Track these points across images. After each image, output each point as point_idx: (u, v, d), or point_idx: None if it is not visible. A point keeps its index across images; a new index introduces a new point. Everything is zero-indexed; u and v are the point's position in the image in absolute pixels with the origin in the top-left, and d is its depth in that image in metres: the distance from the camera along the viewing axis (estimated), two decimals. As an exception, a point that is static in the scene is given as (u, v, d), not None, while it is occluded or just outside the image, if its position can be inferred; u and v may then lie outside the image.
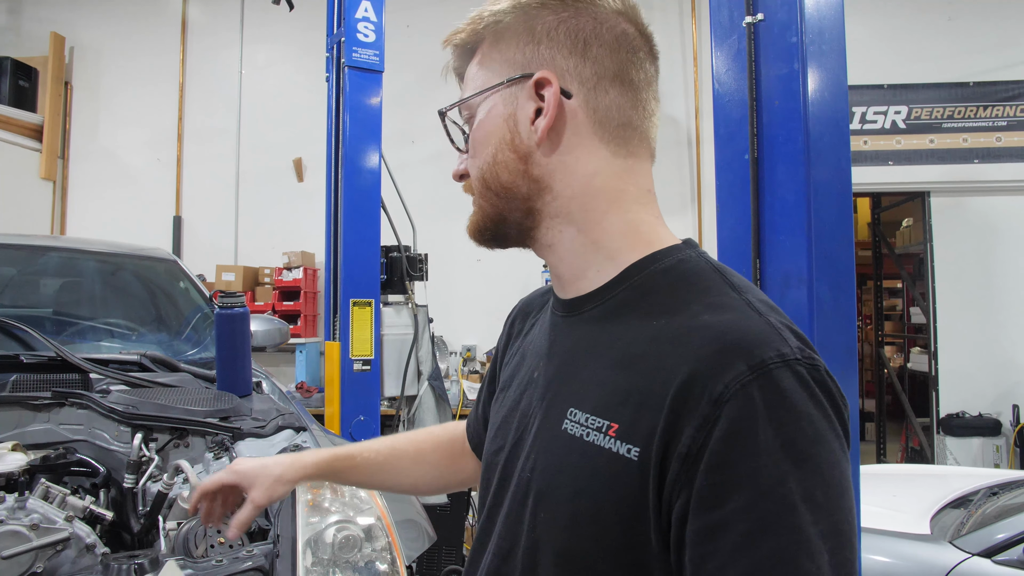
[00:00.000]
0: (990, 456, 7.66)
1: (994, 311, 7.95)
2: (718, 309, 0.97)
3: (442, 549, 5.69)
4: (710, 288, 1.02)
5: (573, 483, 0.99)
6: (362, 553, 2.22)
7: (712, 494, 0.86)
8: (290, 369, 8.00)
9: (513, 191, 1.12)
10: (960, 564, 3.47)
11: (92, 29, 9.17)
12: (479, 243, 1.23)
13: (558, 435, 1.04)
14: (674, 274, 1.06)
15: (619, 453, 0.94)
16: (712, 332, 0.93)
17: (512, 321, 1.45)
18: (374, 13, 5.37)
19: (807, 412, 0.87)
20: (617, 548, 0.94)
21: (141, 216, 8.78)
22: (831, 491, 0.86)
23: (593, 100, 1.08)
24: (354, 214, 5.28)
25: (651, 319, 1.01)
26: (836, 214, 2.69)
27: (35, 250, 4.13)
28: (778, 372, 0.88)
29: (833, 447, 0.88)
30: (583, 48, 1.08)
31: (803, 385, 0.88)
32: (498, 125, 1.11)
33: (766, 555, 0.83)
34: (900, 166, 8.00)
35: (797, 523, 0.83)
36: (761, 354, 0.89)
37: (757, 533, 0.83)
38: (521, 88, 1.09)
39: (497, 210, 1.15)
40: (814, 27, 2.63)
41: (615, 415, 0.97)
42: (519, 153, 1.10)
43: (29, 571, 2.02)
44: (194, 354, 3.75)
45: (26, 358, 2.99)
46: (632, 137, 1.11)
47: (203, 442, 2.65)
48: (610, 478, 0.95)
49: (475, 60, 1.16)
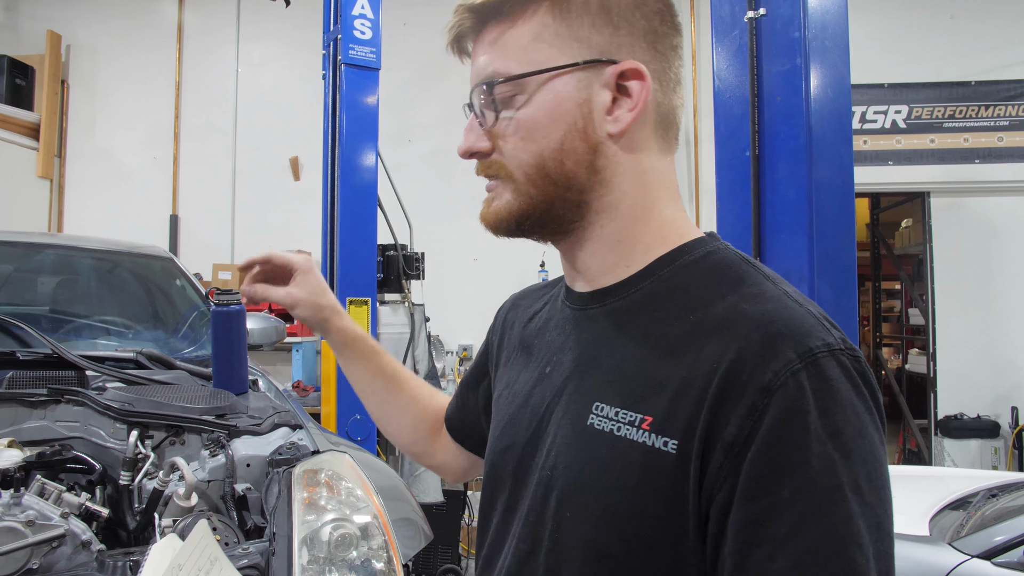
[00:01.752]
0: (988, 458, 7.65)
1: (994, 313, 7.94)
2: (757, 299, 0.95)
3: (438, 548, 5.69)
4: (744, 279, 1.00)
5: (602, 480, 0.97)
6: (358, 551, 2.20)
7: (761, 482, 0.85)
8: (286, 368, 7.99)
9: (572, 181, 1.05)
10: (959, 566, 3.45)
11: (89, 27, 9.17)
12: (504, 233, 1.14)
13: (583, 430, 1.01)
14: (703, 266, 1.04)
15: (654, 447, 0.92)
16: (756, 321, 0.92)
17: (506, 314, 1.43)
18: (371, 10, 5.36)
19: (852, 403, 0.87)
20: (651, 544, 0.92)
21: (138, 215, 8.78)
22: (874, 483, 0.86)
23: (661, 97, 1.07)
24: (350, 213, 5.27)
25: (686, 312, 0.99)
26: (838, 212, 2.68)
27: (32, 247, 4.12)
28: (825, 361, 0.87)
29: (875, 440, 0.88)
30: (655, 40, 1.06)
31: (847, 376, 0.88)
32: (569, 110, 1.03)
33: (816, 543, 0.82)
34: (900, 166, 7.99)
35: (847, 512, 0.83)
36: (809, 343, 0.88)
37: (807, 521, 0.82)
38: (598, 74, 1.03)
39: (548, 198, 1.07)
40: (817, 22, 2.63)
41: (648, 408, 0.94)
42: (589, 143, 1.04)
43: (24, 567, 2.01)
44: (190, 352, 3.74)
45: (22, 355, 2.98)
46: (673, 135, 1.11)
47: (199, 440, 2.63)
48: (644, 473, 0.92)
49: (519, 26, 1.06)
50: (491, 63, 1.09)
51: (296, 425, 2.74)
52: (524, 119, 1.06)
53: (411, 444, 1.64)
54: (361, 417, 5.15)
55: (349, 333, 1.57)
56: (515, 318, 1.37)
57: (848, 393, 0.87)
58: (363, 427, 5.14)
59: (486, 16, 1.09)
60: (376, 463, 2.89)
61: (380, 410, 1.63)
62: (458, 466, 1.61)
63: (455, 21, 1.13)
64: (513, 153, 1.08)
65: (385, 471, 2.88)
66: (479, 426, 1.47)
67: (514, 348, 1.31)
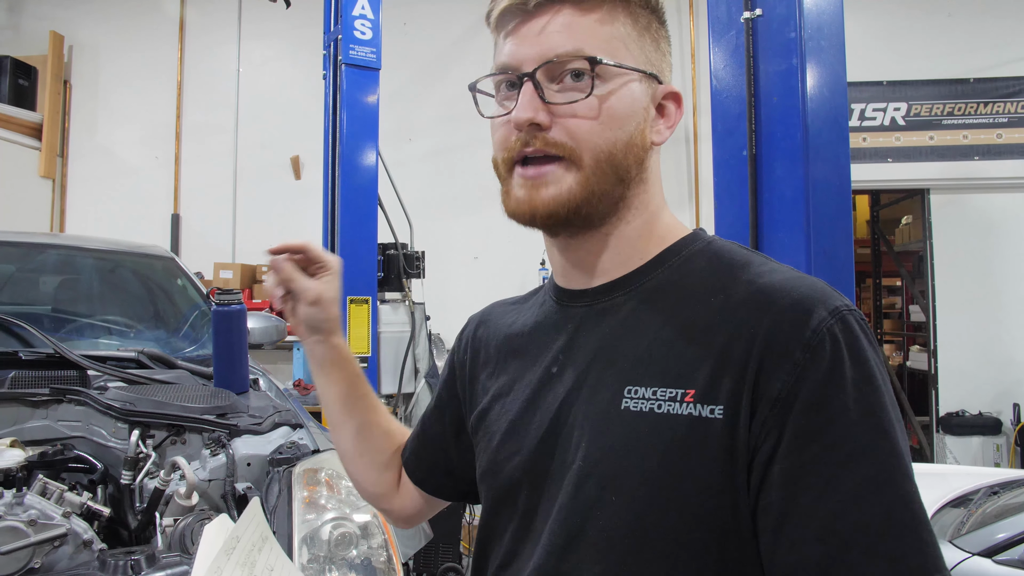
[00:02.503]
0: (990, 455, 7.63)
1: (994, 309, 7.93)
2: (773, 273, 1.03)
3: (439, 547, 5.68)
4: (751, 261, 1.07)
5: (647, 459, 0.98)
6: (358, 550, 2.22)
7: (809, 430, 0.91)
8: (287, 366, 7.99)
9: (627, 175, 1.10)
10: (960, 563, 3.44)
11: (91, 27, 9.17)
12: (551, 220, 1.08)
13: (617, 415, 1.03)
14: (708, 254, 1.12)
15: (700, 416, 0.96)
16: (781, 289, 0.99)
17: (473, 333, 1.41)
18: (371, 10, 5.37)
19: (872, 352, 0.95)
20: (703, 514, 0.95)
21: (139, 214, 8.78)
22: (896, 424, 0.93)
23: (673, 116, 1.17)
24: (351, 212, 5.29)
25: (707, 294, 1.04)
26: (835, 210, 2.69)
27: (34, 247, 4.12)
28: (848, 317, 0.95)
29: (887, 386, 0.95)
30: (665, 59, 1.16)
31: (864, 330, 0.96)
32: (639, 111, 1.10)
33: (869, 476, 0.89)
34: (899, 163, 7.98)
35: (893, 447, 0.91)
36: (833, 302, 0.96)
37: (857, 458, 0.89)
38: (652, 86, 1.12)
39: (603, 189, 1.07)
40: (813, 23, 2.64)
41: (688, 383, 0.99)
42: (644, 144, 1.12)
43: (27, 567, 2.02)
44: (192, 351, 3.75)
45: (24, 355, 2.99)
46: None
47: (200, 439, 2.65)
48: (693, 442, 0.96)
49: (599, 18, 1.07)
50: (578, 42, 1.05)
51: (296, 424, 2.76)
52: (609, 106, 1.06)
53: (373, 484, 1.52)
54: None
55: (343, 352, 1.47)
56: (488, 333, 1.36)
57: (868, 345, 0.95)
58: (364, 426, 5.14)
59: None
60: (376, 462, 2.90)
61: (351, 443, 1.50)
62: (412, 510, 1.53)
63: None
64: (587, 136, 1.06)
65: (385, 470, 2.88)
66: (443, 461, 1.44)
67: (499, 359, 1.30)
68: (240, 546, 1.54)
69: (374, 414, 1.50)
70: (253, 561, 1.56)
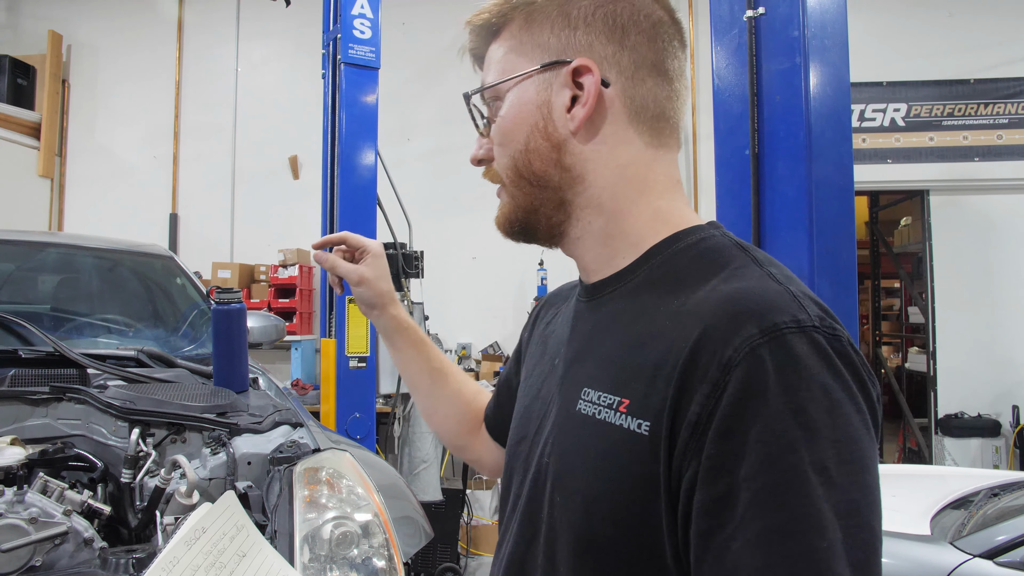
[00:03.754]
0: (989, 457, 7.63)
1: (994, 310, 7.94)
2: (736, 279, 0.95)
3: (437, 546, 5.70)
4: (731, 262, 0.99)
5: (586, 463, 0.98)
6: (359, 550, 2.21)
7: (720, 462, 0.83)
8: (286, 366, 8.00)
9: (545, 180, 1.09)
10: (961, 565, 3.44)
11: (89, 27, 9.18)
12: (507, 235, 1.19)
13: (572, 416, 1.03)
14: (695, 251, 1.04)
15: (630, 429, 0.92)
16: (724, 298, 0.91)
17: (537, 313, 1.46)
18: (370, 10, 5.36)
19: (822, 381, 0.83)
20: (634, 527, 0.92)
21: (138, 213, 8.79)
22: (847, 465, 0.82)
23: (630, 89, 1.07)
24: (350, 211, 5.28)
25: (672, 296, 0.99)
26: (837, 210, 2.69)
27: (33, 246, 4.12)
28: (792, 337, 0.85)
29: (852, 420, 0.84)
30: (621, 35, 1.06)
31: (819, 353, 0.85)
32: (530, 112, 1.09)
33: (772, 526, 0.79)
34: (899, 164, 7.98)
35: (807, 495, 0.79)
36: (774, 318, 0.86)
37: (764, 503, 0.80)
38: (556, 74, 1.07)
39: (529, 200, 1.12)
40: (816, 21, 2.63)
41: (627, 391, 0.95)
42: (552, 141, 1.08)
43: (27, 564, 2.02)
44: (191, 350, 3.74)
45: (24, 353, 2.99)
46: (664, 128, 1.11)
47: (200, 438, 2.64)
48: (622, 456, 0.93)
49: (499, 41, 1.13)
50: (484, 77, 1.16)
51: (297, 423, 2.75)
52: (499, 126, 1.13)
53: (453, 437, 1.67)
54: (361, 415, 5.16)
55: (402, 321, 1.62)
56: (544, 315, 1.40)
57: (819, 370, 0.84)
58: (362, 425, 5.15)
59: (485, 35, 1.17)
60: (376, 461, 2.90)
61: (426, 401, 1.67)
62: (494, 462, 1.63)
63: (469, 41, 1.21)
64: (498, 159, 1.15)
65: (385, 469, 2.88)
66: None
67: (536, 344, 1.35)
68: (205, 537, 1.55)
69: (441, 375, 1.64)
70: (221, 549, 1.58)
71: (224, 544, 1.61)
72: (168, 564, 1.48)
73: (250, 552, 1.65)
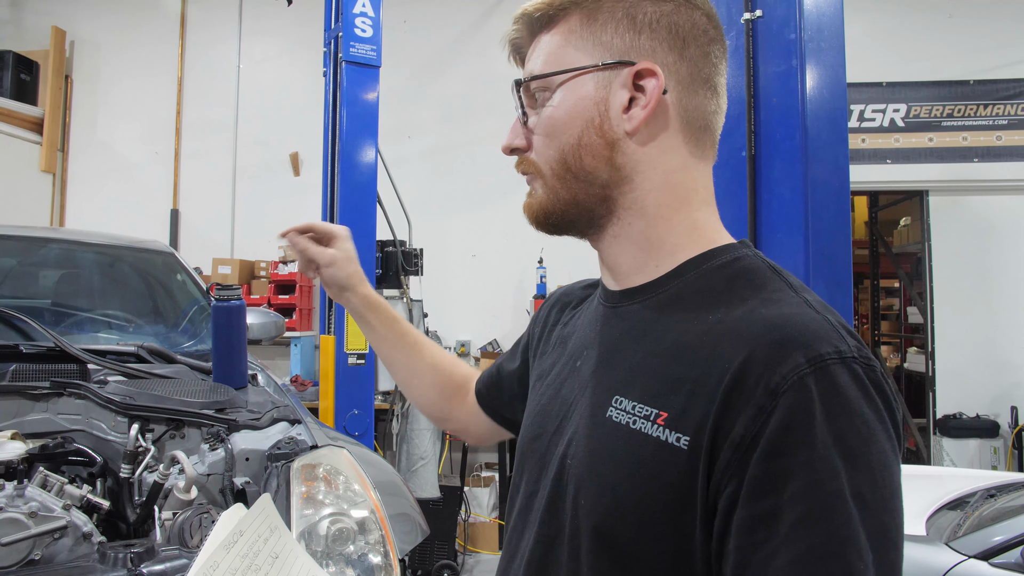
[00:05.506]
0: (987, 458, 7.61)
1: (992, 311, 7.93)
2: (775, 304, 0.98)
3: (435, 543, 5.71)
4: (766, 285, 1.03)
5: (616, 471, 1.00)
6: (355, 546, 2.23)
7: (766, 482, 0.86)
8: (285, 362, 8.01)
9: (594, 176, 1.10)
10: (956, 566, 3.43)
11: (92, 23, 9.18)
12: (540, 227, 1.19)
13: (602, 422, 1.05)
14: (730, 270, 1.07)
15: (667, 442, 0.95)
16: (769, 324, 0.94)
17: (550, 308, 1.47)
18: (371, 8, 5.37)
19: (861, 410, 0.88)
20: (660, 537, 0.94)
21: (139, 209, 8.79)
22: (880, 491, 0.87)
23: (684, 99, 1.09)
24: (350, 209, 5.29)
25: (707, 313, 1.02)
26: (834, 212, 2.70)
27: (34, 242, 4.13)
28: (835, 368, 0.89)
29: (884, 448, 0.89)
30: (682, 46, 1.09)
31: (858, 383, 0.89)
32: (587, 107, 1.09)
33: (815, 546, 0.83)
34: (898, 164, 7.97)
35: (848, 518, 0.84)
36: (819, 348, 0.89)
37: (808, 523, 0.84)
38: (616, 74, 1.08)
39: (573, 194, 1.13)
40: (813, 24, 2.64)
41: (664, 404, 0.97)
42: (606, 139, 1.09)
43: (27, 558, 2.04)
44: (191, 346, 3.75)
45: (25, 348, 3.01)
46: (707, 140, 1.13)
47: (199, 433, 2.66)
48: (657, 466, 0.95)
49: (553, 33, 1.14)
50: (535, 64, 1.15)
51: (295, 420, 2.77)
52: (548, 116, 1.13)
53: (433, 408, 1.75)
54: (359, 412, 5.17)
55: (372, 299, 1.68)
56: (559, 313, 1.42)
57: (858, 401, 0.88)
58: (361, 422, 5.16)
59: (535, 26, 1.16)
60: (373, 458, 2.91)
61: (402, 375, 1.74)
62: (480, 431, 1.70)
63: (511, 30, 1.20)
64: (541, 150, 1.14)
65: (382, 466, 2.90)
66: (511, 407, 1.56)
67: (552, 342, 1.36)
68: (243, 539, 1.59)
69: (416, 349, 1.72)
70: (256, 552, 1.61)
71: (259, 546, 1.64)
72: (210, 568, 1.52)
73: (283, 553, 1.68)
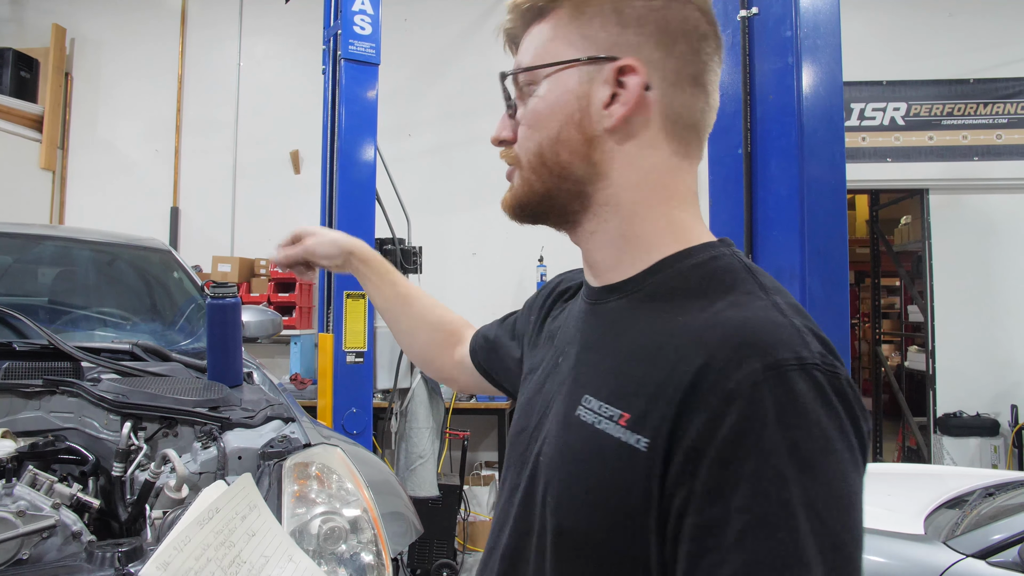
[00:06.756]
0: (988, 456, 7.61)
1: (993, 310, 7.92)
2: (742, 306, 0.96)
3: (433, 543, 5.70)
4: (737, 286, 1.01)
5: (580, 471, 1.00)
6: (347, 545, 2.22)
7: (715, 490, 0.85)
8: (284, 360, 8.01)
9: (569, 171, 1.10)
10: (954, 565, 3.42)
11: (93, 21, 9.18)
12: (514, 218, 1.19)
13: (571, 421, 1.05)
14: (705, 270, 1.05)
15: (628, 443, 0.94)
16: (731, 327, 0.92)
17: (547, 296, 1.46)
18: (371, 6, 5.36)
19: (818, 419, 0.85)
20: (619, 539, 0.94)
21: (139, 207, 8.78)
22: (835, 503, 0.84)
23: (669, 97, 1.07)
24: (349, 207, 5.28)
25: (677, 313, 1.00)
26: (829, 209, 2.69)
27: (32, 239, 4.14)
28: (793, 375, 0.86)
29: (843, 459, 0.86)
30: (670, 43, 1.07)
31: (818, 392, 0.87)
32: (568, 101, 1.08)
33: (760, 557, 0.81)
34: (899, 163, 7.96)
35: (794, 529, 0.81)
36: (777, 354, 0.87)
37: (753, 533, 0.82)
38: (599, 69, 1.07)
39: (547, 188, 1.12)
40: (809, 22, 2.64)
41: (627, 404, 0.96)
42: (585, 135, 1.08)
43: (15, 557, 2.03)
44: (187, 344, 3.75)
45: (19, 346, 3.00)
46: (692, 139, 1.12)
47: (192, 432, 2.65)
48: (617, 468, 0.94)
49: (543, 25, 1.13)
50: (519, 58, 1.16)
51: (289, 418, 2.76)
52: (531, 109, 1.12)
53: (420, 354, 1.86)
54: (358, 410, 5.17)
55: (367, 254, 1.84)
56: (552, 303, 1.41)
57: (816, 409, 0.86)
58: (359, 421, 5.16)
59: (527, 16, 1.16)
60: (368, 457, 2.90)
61: (395, 324, 1.84)
62: (468, 381, 1.77)
63: (506, 20, 1.19)
64: (522, 142, 1.14)
65: (377, 465, 2.89)
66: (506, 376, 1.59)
67: (543, 335, 1.36)
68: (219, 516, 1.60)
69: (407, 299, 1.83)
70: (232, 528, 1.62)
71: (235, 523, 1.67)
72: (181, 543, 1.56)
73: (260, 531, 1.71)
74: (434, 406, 5.95)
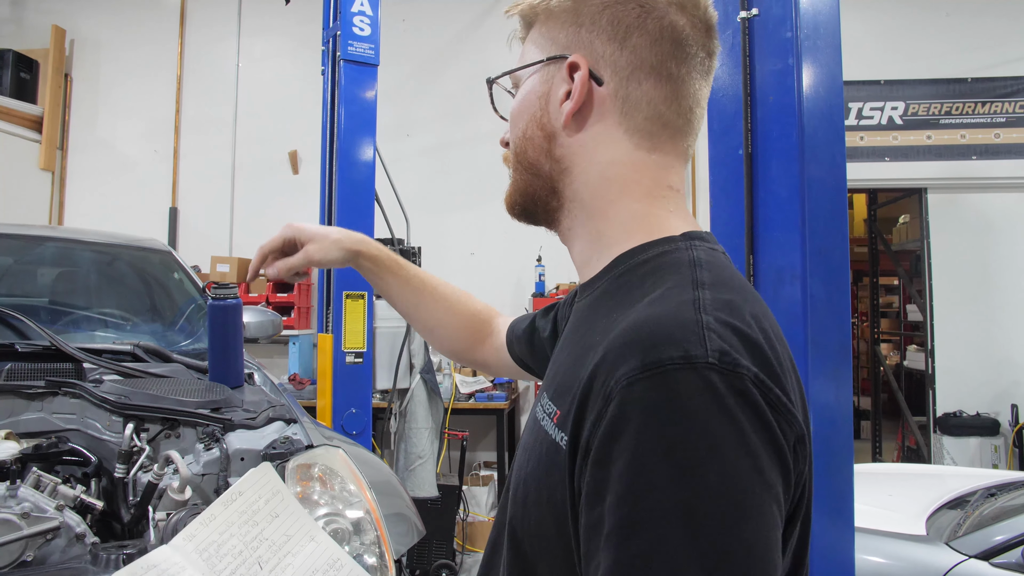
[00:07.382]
0: (988, 456, 7.61)
1: (992, 309, 7.93)
2: (658, 302, 0.91)
3: (433, 543, 5.70)
4: (667, 281, 0.96)
5: (528, 466, 1.02)
6: (351, 546, 2.22)
7: (593, 491, 0.83)
8: (283, 361, 8.01)
9: (538, 168, 1.14)
10: (957, 566, 3.43)
11: (92, 21, 9.19)
12: (510, 215, 1.24)
13: (532, 418, 1.07)
14: (651, 266, 1.02)
15: (556, 440, 0.94)
16: (630, 325, 0.88)
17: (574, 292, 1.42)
18: (370, 7, 5.36)
19: (703, 420, 0.79)
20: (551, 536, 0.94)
21: (138, 207, 8.79)
22: (720, 509, 0.77)
23: (623, 90, 1.07)
24: (348, 207, 5.27)
25: (615, 311, 0.97)
26: (830, 210, 2.68)
27: (32, 240, 4.13)
28: (676, 373, 0.81)
29: (734, 463, 0.79)
30: (623, 36, 1.06)
31: (708, 391, 0.80)
32: (532, 101, 1.14)
33: (621, 560, 0.78)
34: (897, 162, 7.98)
35: (662, 534, 0.77)
36: (660, 352, 0.82)
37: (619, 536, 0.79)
38: (558, 68, 1.10)
39: (526, 184, 1.17)
40: (809, 22, 2.63)
41: (561, 402, 0.96)
42: (545, 132, 1.12)
43: (19, 559, 2.03)
44: (187, 345, 3.75)
45: (21, 347, 3.00)
46: (660, 132, 1.08)
47: (194, 433, 2.65)
48: (548, 464, 0.96)
49: (532, 31, 1.17)
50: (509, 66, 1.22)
51: (290, 419, 2.75)
52: (511, 111, 1.19)
53: (449, 346, 1.86)
54: (357, 411, 5.17)
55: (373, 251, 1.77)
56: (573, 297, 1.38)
57: (702, 409, 0.79)
58: (359, 421, 5.15)
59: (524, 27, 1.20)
60: (369, 458, 2.91)
61: (415, 317, 1.84)
62: (502, 367, 1.78)
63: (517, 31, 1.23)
64: (509, 143, 1.20)
65: (378, 466, 2.89)
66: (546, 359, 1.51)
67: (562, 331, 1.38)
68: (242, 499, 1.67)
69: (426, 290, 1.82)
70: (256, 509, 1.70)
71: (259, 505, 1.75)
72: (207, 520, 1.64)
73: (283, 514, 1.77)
74: (433, 406, 5.95)
